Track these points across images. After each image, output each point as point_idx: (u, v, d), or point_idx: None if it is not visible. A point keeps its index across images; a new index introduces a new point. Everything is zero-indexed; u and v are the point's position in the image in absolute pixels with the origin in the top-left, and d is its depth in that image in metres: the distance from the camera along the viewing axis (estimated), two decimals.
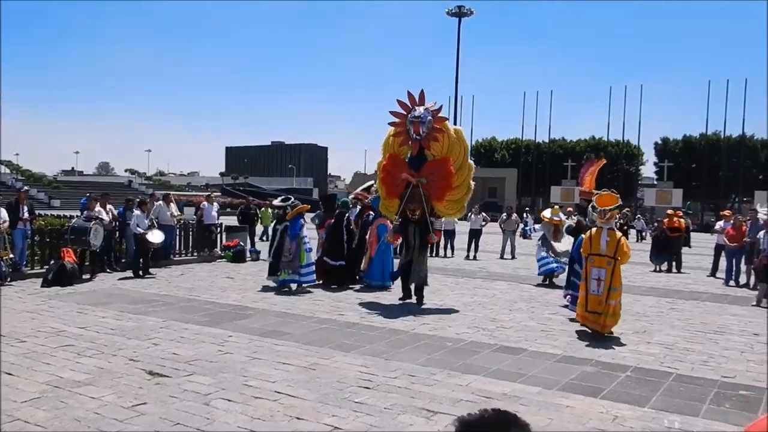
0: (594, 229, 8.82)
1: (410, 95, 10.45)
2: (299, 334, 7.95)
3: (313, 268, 12.01)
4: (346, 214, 12.91)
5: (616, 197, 8.93)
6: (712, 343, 8.29)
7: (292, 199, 12.50)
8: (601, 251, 8.56)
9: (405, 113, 10.43)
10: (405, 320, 9.15)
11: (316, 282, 12.13)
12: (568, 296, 10.34)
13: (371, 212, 13.03)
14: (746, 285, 14.37)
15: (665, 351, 7.70)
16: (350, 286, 12.31)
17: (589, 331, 8.52)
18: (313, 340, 7.67)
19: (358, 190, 14.74)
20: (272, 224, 13.66)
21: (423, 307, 10.32)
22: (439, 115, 10.41)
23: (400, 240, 11.08)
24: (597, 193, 9.30)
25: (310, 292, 11.59)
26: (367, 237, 12.84)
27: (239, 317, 8.98)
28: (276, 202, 13.33)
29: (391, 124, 10.63)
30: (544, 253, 13.69)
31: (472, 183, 10.69)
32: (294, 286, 11.68)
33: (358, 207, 13.35)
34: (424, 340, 7.83)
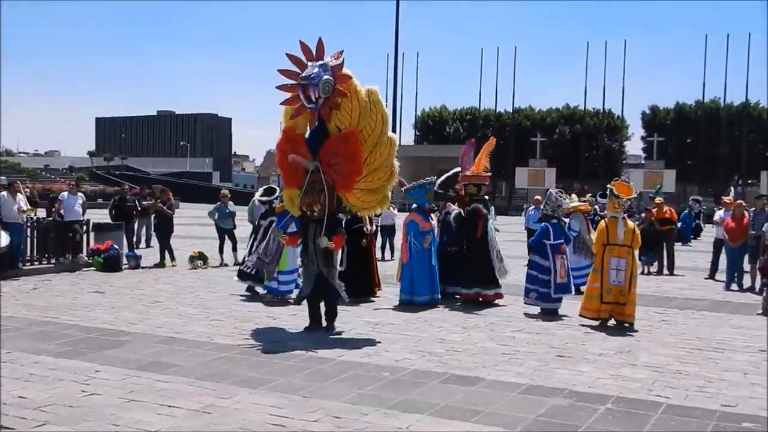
0: (609, 219, 10.97)
1: (304, 47, 9.47)
2: (190, 367, 7.79)
3: (294, 277, 12.36)
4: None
5: (633, 187, 11.27)
6: (710, 363, 8.57)
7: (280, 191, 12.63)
8: (619, 241, 10.70)
9: (299, 72, 9.43)
10: (329, 345, 9.10)
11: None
12: (533, 293, 11.81)
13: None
14: (751, 289, 14.98)
15: (654, 375, 7.90)
16: (367, 299, 12.51)
17: (596, 323, 10.52)
18: (209, 373, 7.53)
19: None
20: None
21: (351, 330, 10.29)
22: (341, 71, 9.53)
23: (298, 243, 10.46)
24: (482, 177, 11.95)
25: (284, 304, 12.00)
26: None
27: (111, 345, 8.76)
28: (258, 195, 13.96)
29: (281, 88, 9.62)
30: (586, 260, 13.68)
31: (397, 164, 10.07)
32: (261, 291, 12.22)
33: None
34: (354, 370, 7.80)
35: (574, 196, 17.06)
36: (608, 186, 11.56)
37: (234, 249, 17.76)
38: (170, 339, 9.21)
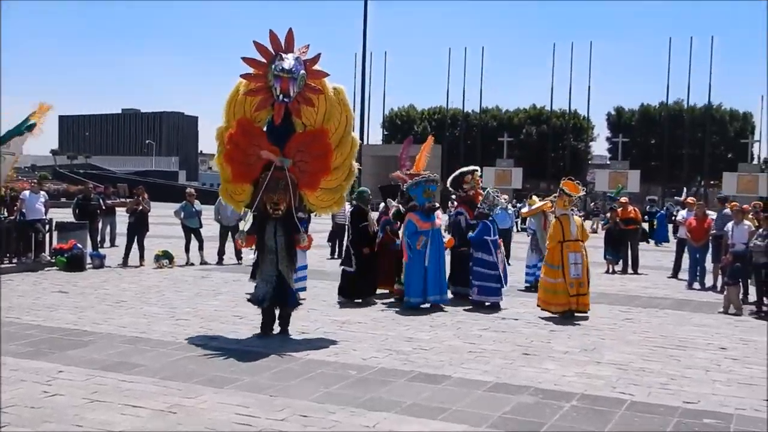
0: (561, 216, 11.70)
1: (273, 36, 9.22)
2: (155, 367, 7.74)
3: (302, 274, 12.21)
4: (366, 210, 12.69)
5: (580, 186, 12.09)
6: (672, 360, 8.71)
7: None
8: (573, 236, 11.57)
9: (265, 62, 9.22)
10: (296, 344, 9.09)
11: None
12: (477, 288, 12.22)
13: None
14: (713, 288, 15.22)
15: (618, 373, 8.02)
16: (371, 299, 12.37)
17: (560, 320, 11.04)
18: (174, 373, 7.49)
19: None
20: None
21: (318, 329, 10.28)
22: (315, 67, 9.37)
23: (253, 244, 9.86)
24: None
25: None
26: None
27: (74, 345, 8.66)
28: None
29: (247, 77, 9.36)
30: (537, 260, 14.02)
31: (356, 165, 10.03)
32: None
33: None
34: (321, 369, 7.80)
35: (534, 197, 17.24)
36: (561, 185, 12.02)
37: (200, 248, 17.64)
38: (135, 339, 9.14)
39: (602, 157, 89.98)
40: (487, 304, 12.16)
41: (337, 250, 19.99)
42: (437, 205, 12.61)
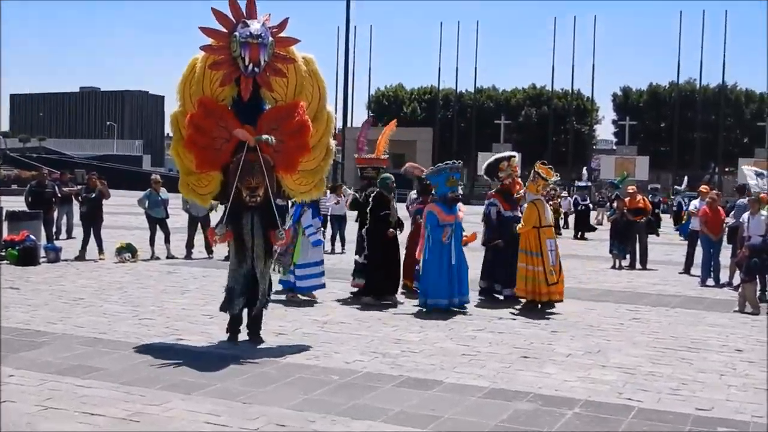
0: (537, 201, 12.01)
1: (233, 2, 8.95)
2: (117, 370, 7.70)
3: (318, 270, 12.22)
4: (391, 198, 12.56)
5: (553, 171, 12.46)
6: (684, 364, 8.74)
7: None
8: (549, 222, 12.20)
9: (226, 31, 8.91)
10: (272, 346, 9.07)
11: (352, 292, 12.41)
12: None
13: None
14: (728, 284, 15.30)
15: (625, 377, 8.03)
16: (391, 298, 12.24)
17: (540, 305, 11.69)
18: (138, 377, 7.46)
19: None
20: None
21: (297, 329, 10.27)
22: (282, 34, 9.10)
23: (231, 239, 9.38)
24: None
25: (310, 304, 11.89)
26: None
27: (27, 347, 8.61)
28: None
29: (207, 49, 9.03)
30: None
31: (333, 143, 9.84)
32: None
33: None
34: (300, 373, 7.78)
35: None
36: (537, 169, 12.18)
37: (167, 240, 17.60)
38: (94, 340, 9.09)
39: (608, 141, 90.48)
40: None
41: (339, 241, 19.90)
42: (461, 195, 12.43)
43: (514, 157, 13.40)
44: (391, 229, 12.10)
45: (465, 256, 12.10)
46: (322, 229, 12.75)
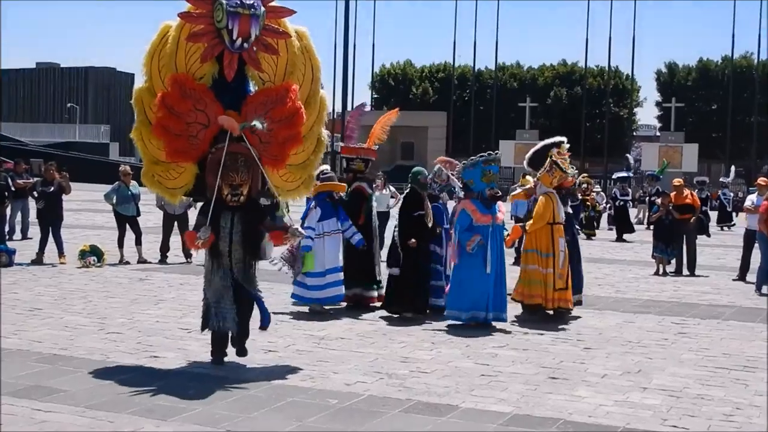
0: (550, 194, 12.00)
1: None
2: (80, 392, 7.71)
3: (336, 279, 12.28)
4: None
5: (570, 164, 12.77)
6: (738, 385, 8.72)
7: (324, 169, 12.47)
8: (562, 219, 12.09)
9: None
10: (261, 364, 9.08)
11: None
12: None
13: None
14: None
15: (670, 401, 8.01)
16: (421, 316, 12.01)
17: (551, 313, 11.79)
18: (104, 401, 7.46)
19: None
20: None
21: (290, 345, 10.27)
22: (273, 3, 8.95)
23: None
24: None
25: (326, 316, 11.97)
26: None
27: None
28: None
29: (185, 17, 8.78)
30: None
31: (326, 133, 9.76)
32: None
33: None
34: (293, 396, 7.79)
35: (528, 177, 17.17)
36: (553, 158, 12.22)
37: (138, 242, 17.61)
38: (54, 357, 9.09)
39: (650, 127, 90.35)
40: (440, 303, 12.23)
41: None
42: (500, 192, 12.14)
43: (563, 141, 13.09)
44: (413, 239, 11.84)
45: (505, 266, 11.96)
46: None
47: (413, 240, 11.82)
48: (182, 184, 9.25)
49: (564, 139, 13.20)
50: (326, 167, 13.02)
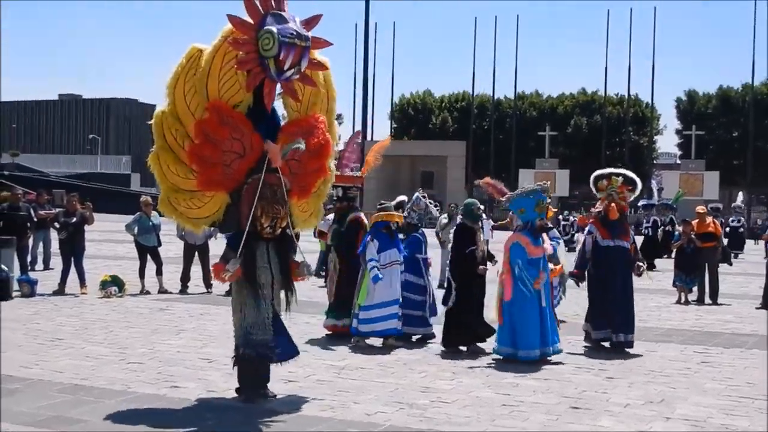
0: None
1: None
2: (100, 423, 7.72)
3: (393, 311, 11.98)
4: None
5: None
6: (762, 415, 8.64)
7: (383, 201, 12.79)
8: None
9: (253, 23, 8.34)
10: (282, 394, 9.06)
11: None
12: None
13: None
14: None
15: (693, 431, 7.96)
16: (476, 350, 11.78)
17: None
18: (125, 431, 7.47)
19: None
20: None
21: (310, 375, 10.27)
22: (319, 38, 8.58)
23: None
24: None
25: (382, 351, 11.71)
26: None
27: None
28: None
29: (233, 44, 8.40)
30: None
31: (332, 163, 9.71)
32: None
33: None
34: (314, 427, 7.78)
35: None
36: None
37: (158, 272, 17.68)
38: (75, 387, 9.11)
39: (671, 155, 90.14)
40: (415, 337, 12.47)
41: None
42: (549, 224, 12.03)
43: (619, 176, 12.73)
44: (482, 266, 11.74)
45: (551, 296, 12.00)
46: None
47: (482, 267, 11.73)
48: (207, 213, 8.97)
49: (619, 171, 13.16)
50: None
